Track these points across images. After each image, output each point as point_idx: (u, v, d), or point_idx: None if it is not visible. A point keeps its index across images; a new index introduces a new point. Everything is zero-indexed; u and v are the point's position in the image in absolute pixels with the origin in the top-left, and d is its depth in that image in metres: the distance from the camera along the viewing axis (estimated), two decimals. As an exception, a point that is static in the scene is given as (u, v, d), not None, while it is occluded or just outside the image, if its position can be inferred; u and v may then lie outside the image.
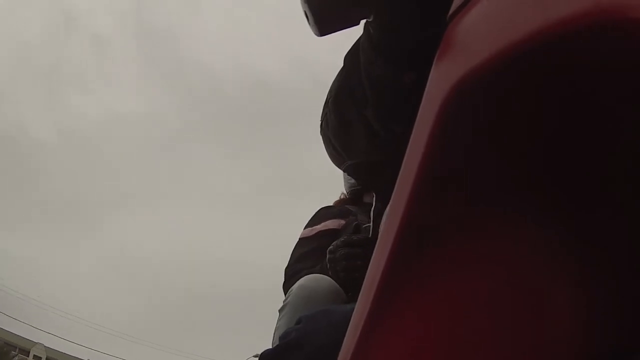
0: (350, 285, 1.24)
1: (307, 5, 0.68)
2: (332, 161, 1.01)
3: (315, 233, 1.57)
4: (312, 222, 1.63)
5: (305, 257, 1.51)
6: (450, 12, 0.48)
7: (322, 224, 1.58)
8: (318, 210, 1.68)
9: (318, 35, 0.71)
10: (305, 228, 1.63)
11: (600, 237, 0.47)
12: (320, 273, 1.33)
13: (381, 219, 1.05)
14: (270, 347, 1.14)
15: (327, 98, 0.94)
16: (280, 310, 1.35)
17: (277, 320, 1.35)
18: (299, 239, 1.61)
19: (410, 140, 0.48)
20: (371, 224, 1.13)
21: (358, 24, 0.73)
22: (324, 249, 1.46)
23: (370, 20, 0.71)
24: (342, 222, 1.58)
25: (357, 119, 0.84)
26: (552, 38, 0.35)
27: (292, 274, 1.47)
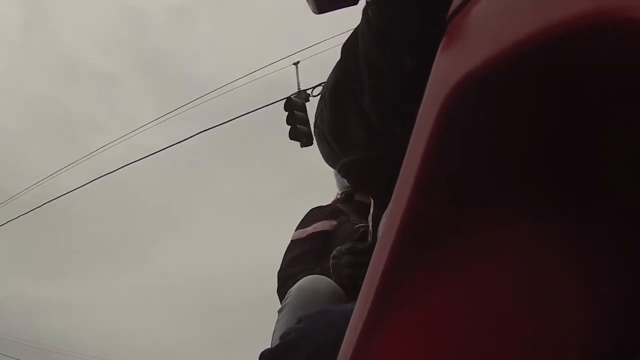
0: (352, 292, 1.24)
1: None
2: (326, 160, 0.99)
3: (307, 235, 1.57)
4: (303, 223, 1.63)
5: (299, 260, 1.51)
6: (450, 11, 0.48)
7: (313, 225, 1.58)
8: (309, 211, 1.67)
9: (316, 13, 0.71)
10: (296, 230, 1.63)
11: (600, 237, 0.47)
12: (320, 274, 1.33)
13: (379, 224, 1.05)
14: (270, 347, 1.14)
15: (322, 92, 0.93)
16: (279, 311, 1.35)
17: (276, 322, 1.34)
18: (291, 241, 1.60)
19: (410, 140, 0.48)
20: (370, 229, 1.13)
21: (356, 3, 0.72)
22: (317, 251, 1.46)
23: (369, 1, 0.71)
24: (334, 222, 1.58)
25: (355, 112, 0.83)
26: (552, 38, 0.35)
27: (286, 278, 1.47)
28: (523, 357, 0.49)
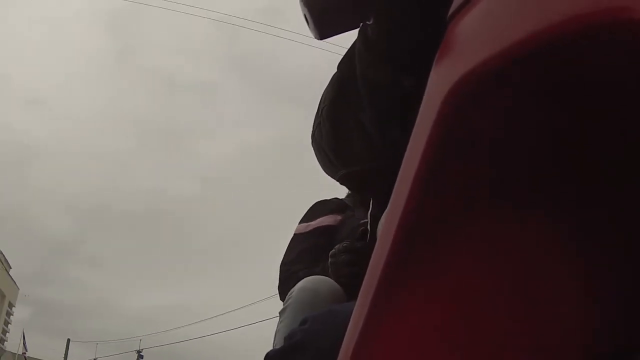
0: (351, 291, 1.24)
1: (307, 9, 0.68)
2: (325, 171, 0.99)
3: (311, 230, 1.54)
4: (307, 217, 1.59)
5: (301, 257, 1.49)
6: (451, 11, 0.48)
7: (318, 220, 1.55)
8: (313, 205, 1.63)
9: (318, 39, 0.71)
10: (300, 223, 1.59)
11: (601, 237, 0.47)
12: (321, 274, 1.33)
13: (377, 224, 1.05)
14: (272, 348, 1.14)
15: (319, 107, 0.93)
16: (281, 313, 1.34)
17: (278, 323, 1.34)
18: (294, 234, 1.57)
19: (410, 140, 0.48)
20: (369, 228, 1.13)
21: (358, 27, 0.73)
22: (320, 247, 1.44)
23: (369, 23, 0.71)
24: (339, 217, 1.55)
25: (354, 127, 0.84)
26: (553, 39, 0.35)
27: (288, 275, 1.45)
28: (523, 357, 0.49)
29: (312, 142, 0.97)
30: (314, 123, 0.95)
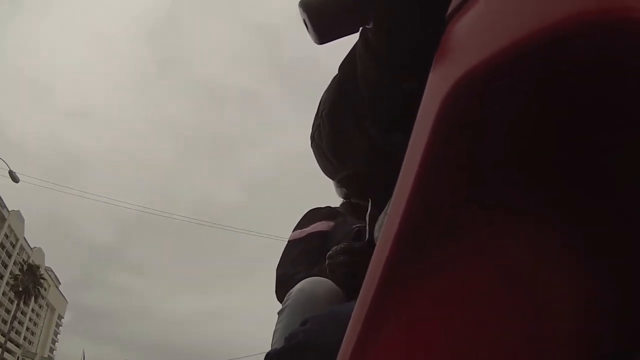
0: (349, 291, 1.25)
1: (306, 14, 0.68)
2: (325, 173, 0.99)
3: (305, 235, 1.57)
4: (301, 224, 1.62)
5: (297, 260, 1.51)
6: (450, 10, 0.48)
7: (311, 226, 1.58)
8: (307, 212, 1.67)
9: (318, 44, 0.71)
10: (294, 230, 1.62)
11: (601, 236, 0.47)
12: (318, 275, 1.33)
13: (376, 224, 1.05)
14: (270, 349, 1.14)
15: (319, 109, 0.93)
16: (279, 313, 1.34)
17: (276, 323, 1.34)
18: (288, 241, 1.60)
19: (410, 140, 0.48)
20: (367, 228, 1.13)
21: (357, 31, 0.72)
22: (315, 251, 1.46)
23: (369, 26, 0.71)
24: (332, 223, 1.58)
25: (355, 129, 0.84)
26: (552, 37, 0.35)
27: (285, 279, 1.46)
28: (523, 357, 0.49)
29: (311, 144, 0.97)
30: (313, 125, 0.95)
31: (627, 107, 0.39)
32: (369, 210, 1.06)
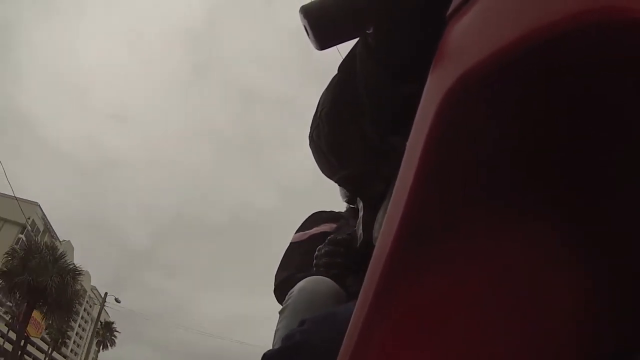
0: (344, 286, 1.25)
1: (306, 21, 0.68)
2: (323, 172, 0.99)
3: (307, 237, 1.57)
4: (304, 226, 1.63)
5: (299, 260, 1.51)
6: (450, 10, 0.48)
7: (314, 228, 1.59)
8: (310, 216, 1.68)
9: (318, 49, 0.71)
10: (296, 232, 1.63)
11: (601, 236, 0.47)
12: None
13: (371, 226, 1.05)
14: (270, 349, 1.13)
15: (318, 109, 0.93)
16: (280, 313, 1.34)
17: (277, 323, 1.34)
18: (290, 243, 1.61)
19: (409, 140, 0.48)
20: (361, 232, 1.14)
21: (358, 36, 0.72)
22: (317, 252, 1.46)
23: (369, 32, 0.71)
24: (334, 225, 1.59)
25: (353, 130, 0.84)
26: (552, 37, 0.35)
27: (285, 279, 1.47)
28: (523, 357, 0.49)
29: (309, 144, 0.97)
30: (311, 125, 0.95)
31: (626, 107, 0.39)
32: (360, 214, 1.07)
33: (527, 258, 0.48)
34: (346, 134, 0.86)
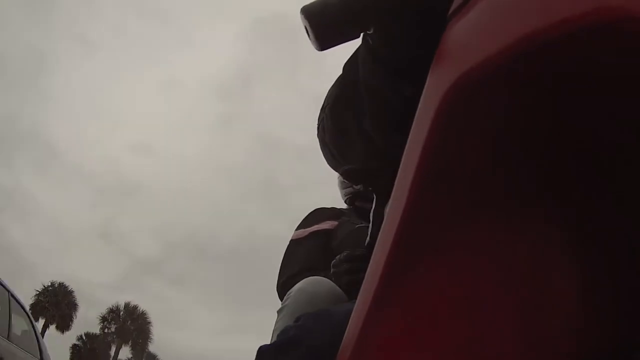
0: (353, 297, 1.25)
1: (307, 21, 0.68)
2: (329, 164, 1.01)
3: (309, 234, 1.56)
4: (305, 224, 1.62)
5: (299, 259, 1.50)
6: (451, 10, 0.48)
7: (315, 225, 1.58)
8: (310, 212, 1.67)
9: (319, 50, 0.71)
10: (297, 230, 1.62)
11: (601, 236, 0.47)
12: (320, 276, 1.33)
13: (380, 220, 1.05)
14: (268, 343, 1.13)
15: (324, 104, 0.94)
16: (278, 312, 1.34)
17: (275, 322, 1.34)
18: (290, 240, 1.60)
19: (409, 139, 0.48)
20: (370, 226, 1.13)
21: (358, 37, 0.73)
22: (318, 248, 1.46)
23: (370, 32, 0.72)
24: (335, 222, 1.58)
25: (355, 128, 0.84)
26: (553, 37, 0.35)
27: (286, 277, 1.46)
28: (523, 356, 0.49)
29: (317, 134, 0.98)
30: (318, 117, 0.96)
31: (626, 107, 0.39)
32: (373, 207, 1.07)
33: (527, 258, 0.48)
34: (347, 130, 0.86)
